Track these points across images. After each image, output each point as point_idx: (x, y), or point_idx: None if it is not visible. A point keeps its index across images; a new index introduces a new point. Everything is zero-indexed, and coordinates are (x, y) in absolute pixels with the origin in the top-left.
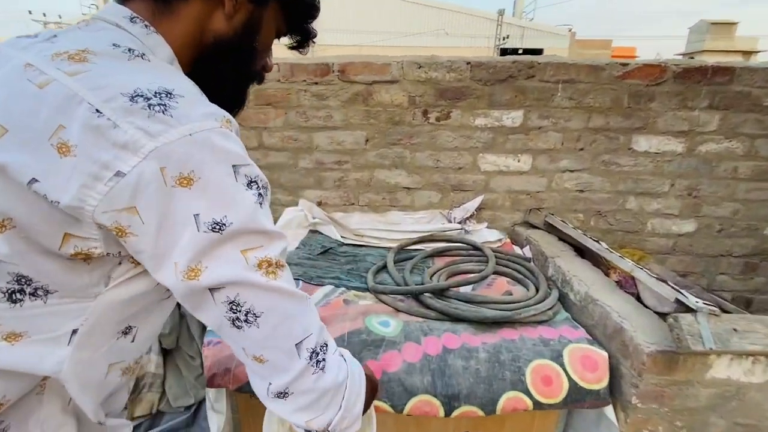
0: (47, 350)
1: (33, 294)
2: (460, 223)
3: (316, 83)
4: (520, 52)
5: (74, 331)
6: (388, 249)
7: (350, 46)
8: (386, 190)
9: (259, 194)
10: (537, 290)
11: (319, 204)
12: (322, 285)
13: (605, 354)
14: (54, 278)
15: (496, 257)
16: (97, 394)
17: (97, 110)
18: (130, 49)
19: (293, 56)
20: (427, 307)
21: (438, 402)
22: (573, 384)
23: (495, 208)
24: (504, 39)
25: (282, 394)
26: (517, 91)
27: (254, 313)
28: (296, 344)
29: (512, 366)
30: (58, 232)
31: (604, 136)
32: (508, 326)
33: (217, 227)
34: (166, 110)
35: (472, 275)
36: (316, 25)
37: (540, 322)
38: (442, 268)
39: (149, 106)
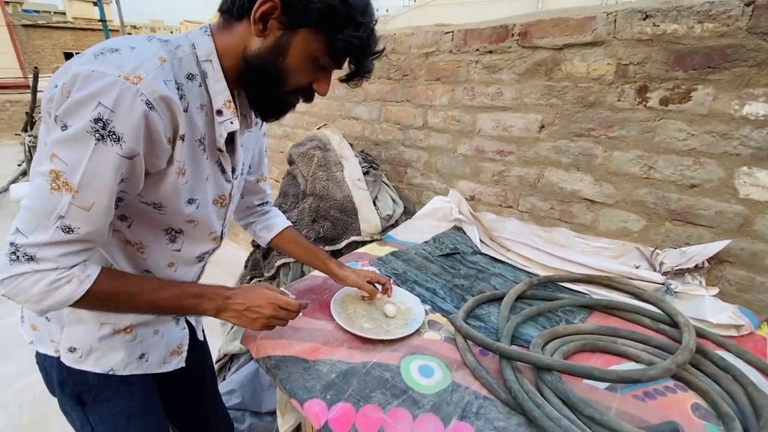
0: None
1: None
2: (666, 274)
3: (490, 52)
4: None
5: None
6: (533, 276)
7: None
8: (558, 198)
9: (98, 131)
10: None
11: (471, 199)
12: (411, 292)
13: None
14: None
15: (701, 353)
16: (150, 239)
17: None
18: (160, 39)
19: (471, 21)
20: (505, 381)
21: None
22: None
23: (755, 269)
24: None
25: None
26: None
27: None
28: (14, 230)
29: None
30: None
31: None
32: None
33: (64, 127)
34: (98, 57)
35: (624, 370)
36: None
37: None
38: (586, 333)
39: (96, 55)
